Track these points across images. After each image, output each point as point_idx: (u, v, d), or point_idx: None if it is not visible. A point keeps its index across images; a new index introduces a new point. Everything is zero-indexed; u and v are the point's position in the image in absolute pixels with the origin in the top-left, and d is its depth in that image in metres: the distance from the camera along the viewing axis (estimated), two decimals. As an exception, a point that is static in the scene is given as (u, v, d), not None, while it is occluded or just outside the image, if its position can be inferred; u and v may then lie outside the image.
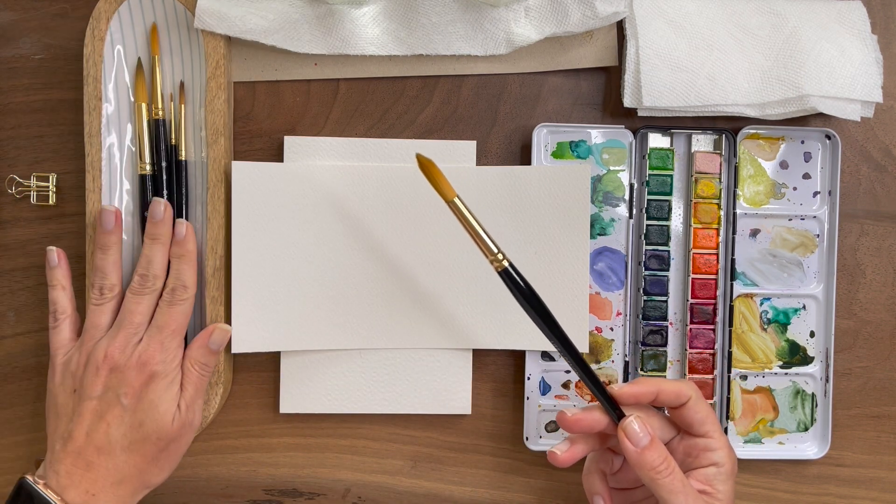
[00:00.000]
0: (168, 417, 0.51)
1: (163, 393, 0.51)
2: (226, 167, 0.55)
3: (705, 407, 0.49)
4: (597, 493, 0.51)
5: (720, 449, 0.48)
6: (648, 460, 0.47)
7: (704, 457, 0.49)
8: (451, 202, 0.50)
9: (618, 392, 0.49)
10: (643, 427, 0.47)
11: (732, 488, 0.49)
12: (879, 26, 0.60)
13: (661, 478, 0.47)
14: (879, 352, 0.61)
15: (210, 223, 0.55)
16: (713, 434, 0.49)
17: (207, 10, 0.54)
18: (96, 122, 0.54)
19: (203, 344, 0.53)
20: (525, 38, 0.56)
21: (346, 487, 0.60)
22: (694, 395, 0.49)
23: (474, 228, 0.50)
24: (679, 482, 0.47)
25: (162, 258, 0.53)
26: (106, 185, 0.55)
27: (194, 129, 0.56)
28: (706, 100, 0.56)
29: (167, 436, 0.51)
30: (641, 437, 0.47)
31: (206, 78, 0.54)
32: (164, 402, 0.51)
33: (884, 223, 0.60)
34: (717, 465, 0.48)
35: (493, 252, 0.50)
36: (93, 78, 0.54)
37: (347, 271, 0.57)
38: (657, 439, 0.48)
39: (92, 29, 0.54)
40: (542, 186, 0.57)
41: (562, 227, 0.57)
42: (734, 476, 0.49)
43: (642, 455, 0.47)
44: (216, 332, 0.54)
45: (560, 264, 0.57)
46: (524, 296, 0.49)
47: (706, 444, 0.49)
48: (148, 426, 0.50)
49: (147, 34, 0.55)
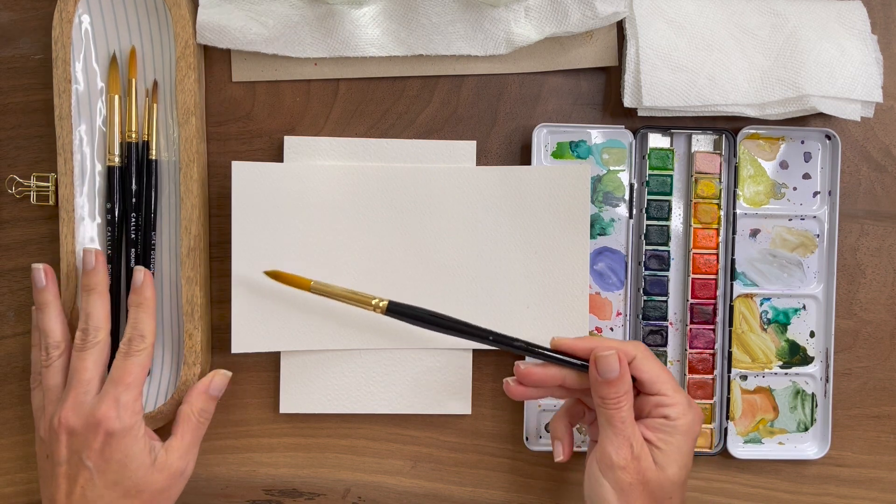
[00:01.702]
0: (143, 472, 0.49)
1: (128, 450, 0.49)
2: (198, 147, 0.55)
3: (654, 367, 0.50)
4: (558, 438, 0.54)
5: (673, 406, 0.49)
6: (604, 392, 0.49)
7: (655, 410, 0.49)
8: (311, 288, 0.53)
9: (555, 343, 0.51)
10: (615, 360, 0.48)
11: (686, 446, 0.49)
12: (879, 26, 0.60)
13: (607, 409, 0.49)
14: (879, 352, 0.61)
15: (183, 203, 0.55)
16: (666, 392, 0.49)
17: (207, 24, 0.54)
18: (66, 104, 0.54)
19: (203, 391, 0.53)
20: (525, 38, 0.56)
21: (346, 487, 0.60)
22: (639, 355, 0.49)
23: (343, 296, 0.52)
24: (619, 419, 0.48)
25: (101, 308, 0.52)
26: (78, 168, 0.55)
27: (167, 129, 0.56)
28: (706, 100, 0.56)
29: (150, 488, 0.49)
30: (611, 369, 0.48)
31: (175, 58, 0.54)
32: (134, 459, 0.49)
33: (884, 223, 0.60)
34: (668, 419, 0.48)
35: (370, 302, 0.52)
36: (62, 60, 0.54)
37: (347, 271, 0.57)
38: (626, 376, 0.49)
39: (60, 11, 0.54)
40: (542, 186, 0.57)
41: (562, 227, 0.57)
42: (691, 435, 0.49)
43: (603, 387, 0.48)
44: (217, 379, 0.54)
45: (560, 264, 0.57)
46: (422, 319, 0.51)
47: (658, 400, 0.49)
48: (125, 484, 0.49)
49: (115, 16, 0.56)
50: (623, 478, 0.47)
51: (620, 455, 0.47)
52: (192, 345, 0.55)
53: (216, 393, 0.53)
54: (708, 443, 0.59)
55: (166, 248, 0.57)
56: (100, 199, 0.56)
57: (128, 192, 0.56)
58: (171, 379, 0.56)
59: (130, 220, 0.56)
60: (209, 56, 0.58)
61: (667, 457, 0.48)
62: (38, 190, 0.56)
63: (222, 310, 0.58)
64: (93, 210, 0.56)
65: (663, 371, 0.50)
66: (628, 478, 0.47)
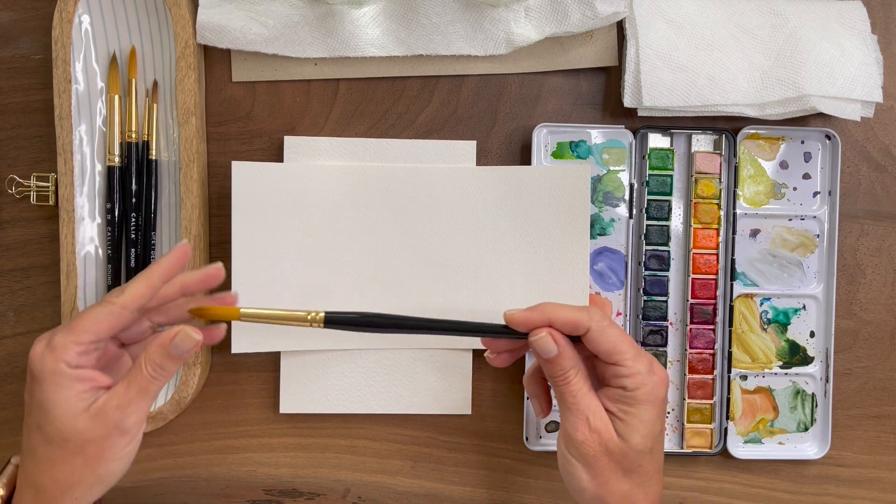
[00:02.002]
0: (68, 418, 0.44)
1: (51, 394, 0.44)
2: (198, 147, 0.55)
3: (610, 337, 0.48)
4: (535, 396, 0.54)
5: (630, 376, 0.47)
6: (550, 371, 0.49)
7: (614, 381, 0.48)
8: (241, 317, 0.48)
9: (508, 317, 0.49)
10: (550, 341, 0.48)
11: (649, 414, 0.48)
12: (879, 26, 0.60)
13: (556, 385, 0.49)
14: (879, 352, 0.61)
15: (183, 203, 0.55)
16: (623, 362, 0.48)
17: (207, 24, 0.54)
18: (66, 104, 0.54)
19: (163, 344, 0.45)
20: (525, 38, 0.56)
21: (346, 487, 0.60)
22: (594, 326, 0.48)
23: (277, 317, 0.48)
24: (570, 394, 0.48)
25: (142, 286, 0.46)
26: (78, 168, 0.55)
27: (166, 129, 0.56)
28: (706, 100, 0.56)
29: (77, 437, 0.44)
30: (548, 350, 0.48)
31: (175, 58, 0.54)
32: (58, 404, 0.44)
33: (884, 223, 0.60)
34: (625, 389, 0.48)
35: (305, 318, 0.48)
36: (62, 60, 0.54)
37: (347, 271, 0.57)
38: (567, 353, 0.48)
39: (60, 11, 0.54)
40: (542, 186, 0.57)
41: (562, 227, 0.57)
42: (654, 403, 0.48)
43: (547, 365, 0.49)
44: (180, 336, 0.45)
45: (560, 264, 0.57)
46: (359, 323, 0.49)
47: (615, 371, 0.48)
48: (47, 429, 0.44)
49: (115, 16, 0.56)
50: (585, 452, 0.47)
51: (578, 430, 0.48)
52: None
53: (176, 352, 0.45)
54: (708, 443, 0.59)
55: (166, 248, 0.57)
56: (100, 199, 0.56)
57: (128, 192, 0.56)
58: (172, 379, 0.56)
59: (130, 220, 0.56)
60: (209, 56, 0.58)
61: (628, 426, 0.47)
62: (38, 190, 0.56)
63: (222, 310, 0.58)
64: (93, 210, 0.56)
65: (621, 340, 0.48)
66: (590, 451, 0.47)
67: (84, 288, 0.56)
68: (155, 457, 0.59)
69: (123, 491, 0.59)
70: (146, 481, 0.59)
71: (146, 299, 0.46)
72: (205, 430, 0.59)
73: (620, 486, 0.48)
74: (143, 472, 0.59)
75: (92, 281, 0.56)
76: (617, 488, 0.48)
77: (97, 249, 0.56)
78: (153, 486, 0.59)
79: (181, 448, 0.59)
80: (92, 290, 0.56)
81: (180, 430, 0.59)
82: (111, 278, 0.56)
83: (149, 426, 0.56)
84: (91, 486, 0.45)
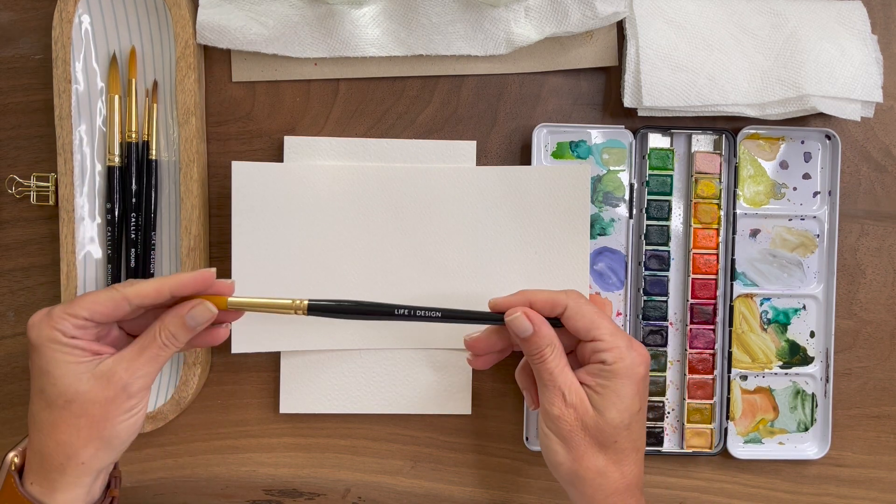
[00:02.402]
0: (70, 379, 0.44)
1: (50, 357, 0.44)
2: (198, 147, 0.55)
3: (587, 314, 0.49)
4: (526, 388, 0.54)
5: (608, 350, 0.48)
6: (528, 350, 0.50)
7: (593, 356, 0.49)
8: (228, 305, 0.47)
9: (492, 303, 0.51)
10: (525, 320, 0.49)
11: (626, 389, 0.48)
12: (879, 26, 0.60)
13: (533, 364, 0.50)
14: (879, 352, 0.61)
15: (183, 203, 0.55)
16: (602, 337, 0.49)
17: (207, 24, 0.54)
18: (66, 104, 0.55)
19: (180, 314, 0.46)
20: (525, 38, 0.56)
21: (346, 487, 0.60)
22: (571, 304, 0.50)
23: (262, 304, 0.48)
24: (546, 371, 0.49)
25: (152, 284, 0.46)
26: (78, 168, 0.55)
27: (166, 129, 0.56)
28: (706, 100, 0.56)
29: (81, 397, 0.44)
30: (523, 329, 0.49)
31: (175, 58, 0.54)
32: (58, 366, 0.44)
33: (884, 223, 0.60)
34: (604, 363, 0.48)
35: (289, 305, 0.48)
36: (62, 60, 0.54)
37: (347, 271, 0.57)
38: (542, 331, 0.49)
39: (60, 11, 0.54)
40: (542, 186, 0.57)
41: (562, 227, 0.57)
42: (633, 378, 0.48)
43: (525, 345, 0.50)
44: (198, 308, 0.46)
45: (560, 264, 0.57)
46: (343, 310, 0.49)
47: (594, 346, 0.49)
48: (48, 392, 0.44)
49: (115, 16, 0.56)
50: (562, 427, 0.48)
51: (554, 406, 0.49)
52: None
53: (192, 323, 0.46)
54: (708, 443, 0.59)
55: (166, 248, 0.57)
56: (100, 199, 0.56)
57: (128, 192, 0.56)
58: (171, 379, 0.56)
59: (130, 220, 0.56)
60: (209, 56, 0.58)
61: (605, 400, 0.48)
62: (38, 190, 0.56)
63: (222, 310, 0.58)
64: (93, 210, 0.56)
65: (598, 316, 0.50)
66: (566, 426, 0.48)
67: (84, 288, 0.56)
68: (155, 457, 0.59)
69: (123, 491, 0.59)
70: (146, 481, 0.59)
71: (149, 301, 0.46)
72: (205, 430, 0.59)
73: (595, 461, 0.48)
74: (143, 472, 0.59)
75: (92, 281, 0.56)
76: (591, 463, 0.48)
77: (97, 249, 0.56)
78: (153, 486, 0.59)
79: (181, 448, 0.59)
80: (92, 290, 0.56)
81: (180, 430, 0.59)
82: (111, 278, 0.56)
83: (149, 426, 0.56)
84: (98, 450, 0.45)
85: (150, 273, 0.56)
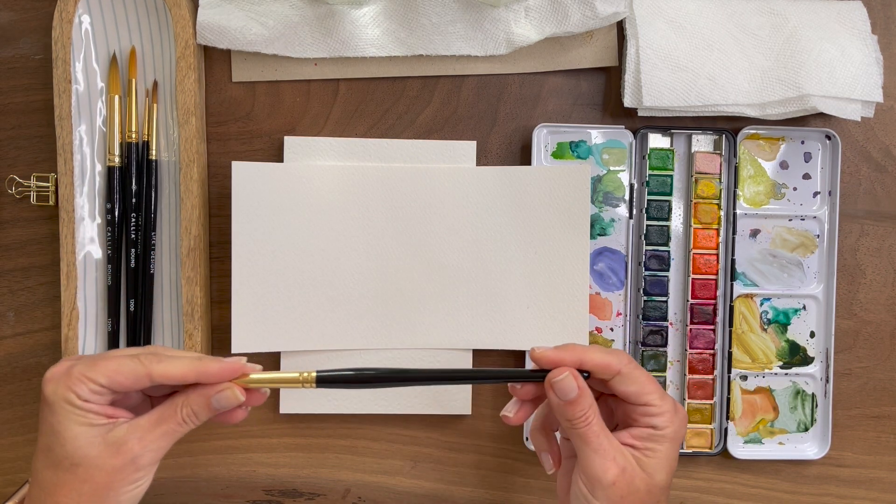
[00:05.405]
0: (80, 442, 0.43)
1: (61, 419, 0.43)
2: (198, 147, 0.55)
3: (640, 380, 0.47)
4: (544, 450, 0.51)
5: (660, 415, 0.47)
6: (569, 413, 0.46)
7: (643, 420, 0.47)
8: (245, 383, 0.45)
9: (538, 355, 0.48)
10: (572, 382, 0.46)
11: (674, 452, 0.47)
12: (879, 26, 0.60)
13: (575, 428, 0.46)
14: (879, 352, 0.61)
15: (183, 203, 0.55)
16: (653, 402, 0.47)
17: (207, 25, 0.54)
18: (66, 104, 0.55)
19: (206, 395, 0.44)
20: (525, 39, 0.56)
21: (346, 487, 0.60)
22: (623, 369, 0.47)
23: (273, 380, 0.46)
24: (593, 434, 0.46)
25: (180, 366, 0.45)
26: (78, 168, 0.55)
27: (167, 129, 0.56)
28: (706, 100, 0.56)
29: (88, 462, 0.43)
30: (569, 390, 0.46)
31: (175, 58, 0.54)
32: (68, 428, 0.43)
33: (884, 223, 0.60)
34: (655, 429, 0.47)
35: (298, 379, 0.46)
36: (62, 60, 0.54)
37: (347, 271, 0.57)
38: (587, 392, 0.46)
39: (60, 11, 0.54)
40: (542, 186, 0.57)
41: (562, 227, 0.57)
42: (679, 441, 0.48)
43: (566, 407, 0.46)
44: (226, 393, 0.45)
45: (560, 264, 0.57)
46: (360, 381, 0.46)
47: (645, 410, 0.47)
48: (56, 452, 0.43)
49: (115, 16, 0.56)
50: (614, 493, 0.46)
51: (609, 472, 0.46)
52: (192, 345, 0.55)
53: (216, 406, 0.45)
54: (708, 443, 0.59)
55: (166, 248, 0.57)
56: (100, 199, 0.56)
57: (128, 193, 0.56)
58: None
59: (130, 220, 0.56)
60: (209, 56, 0.58)
61: (656, 463, 0.47)
62: (38, 190, 0.56)
63: (222, 310, 0.58)
64: (93, 210, 0.56)
65: (649, 381, 0.48)
66: (620, 491, 0.46)
67: (84, 288, 0.56)
68: (155, 457, 0.59)
69: (123, 491, 0.59)
70: (146, 481, 0.59)
71: (173, 383, 0.44)
72: (205, 430, 0.59)
73: None
74: (143, 472, 0.59)
75: (92, 281, 0.56)
76: None
77: (97, 249, 0.56)
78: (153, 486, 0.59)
79: (181, 448, 0.59)
80: (92, 290, 0.56)
81: (180, 430, 0.59)
82: (111, 278, 0.56)
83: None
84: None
85: (150, 273, 0.56)
